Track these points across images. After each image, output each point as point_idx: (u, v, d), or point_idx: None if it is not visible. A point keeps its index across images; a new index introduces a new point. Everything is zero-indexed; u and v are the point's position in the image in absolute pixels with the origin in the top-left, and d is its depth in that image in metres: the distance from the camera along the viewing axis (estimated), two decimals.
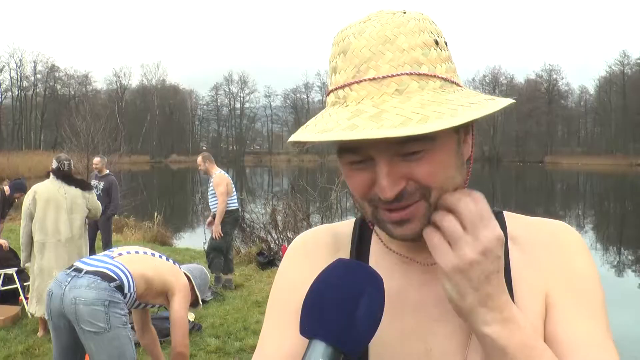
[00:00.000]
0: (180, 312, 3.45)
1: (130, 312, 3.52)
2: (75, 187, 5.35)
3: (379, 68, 0.71)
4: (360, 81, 0.71)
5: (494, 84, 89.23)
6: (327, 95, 0.77)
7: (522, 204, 26.28)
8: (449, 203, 0.72)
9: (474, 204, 0.70)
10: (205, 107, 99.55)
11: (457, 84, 0.75)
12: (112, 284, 3.13)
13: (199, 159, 7.52)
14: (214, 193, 7.31)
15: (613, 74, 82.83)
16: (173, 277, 3.49)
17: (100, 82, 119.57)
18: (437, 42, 0.74)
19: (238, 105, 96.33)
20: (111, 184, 8.30)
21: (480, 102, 0.70)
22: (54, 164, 5.40)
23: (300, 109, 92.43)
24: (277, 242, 10.12)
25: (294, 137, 0.73)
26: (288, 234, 10.01)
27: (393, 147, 0.70)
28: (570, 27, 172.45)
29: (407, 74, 0.70)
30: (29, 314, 5.55)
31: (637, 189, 39.26)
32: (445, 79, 0.73)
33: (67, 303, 3.03)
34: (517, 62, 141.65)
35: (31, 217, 5.18)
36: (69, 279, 3.12)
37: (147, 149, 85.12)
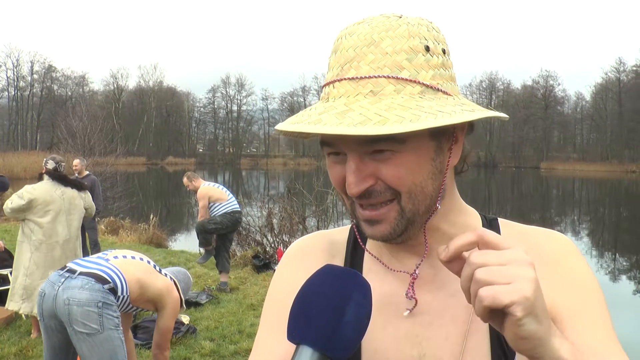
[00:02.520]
0: (168, 323, 3.62)
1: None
2: (72, 187, 5.32)
3: (359, 68, 0.72)
4: (342, 79, 0.73)
5: (490, 90, 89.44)
6: (322, 90, 0.80)
7: (518, 210, 26.35)
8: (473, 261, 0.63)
9: (492, 252, 0.63)
10: (202, 109, 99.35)
11: (444, 92, 0.74)
12: (106, 286, 3.12)
13: (185, 180, 7.55)
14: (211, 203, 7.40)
15: (609, 80, 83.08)
16: (166, 289, 3.55)
17: (97, 83, 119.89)
18: (428, 48, 0.74)
19: (235, 107, 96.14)
20: (94, 183, 8.33)
21: (453, 112, 0.70)
22: (50, 165, 5.33)
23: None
24: (272, 245, 10.11)
25: (278, 126, 0.76)
26: (284, 237, 10.01)
27: (363, 146, 0.72)
28: (567, 34, 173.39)
29: (384, 76, 0.71)
30: (23, 316, 5.51)
31: (632, 195, 39.37)
32: (428, 86, 0.73)
33: (60, 304, 3.02)
34: (514, 68, 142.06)
35: (20, 211, 5.02)
36: (63, 279, 3.10)
37: (143, 150, 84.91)
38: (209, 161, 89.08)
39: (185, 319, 5.88)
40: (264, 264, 8.99)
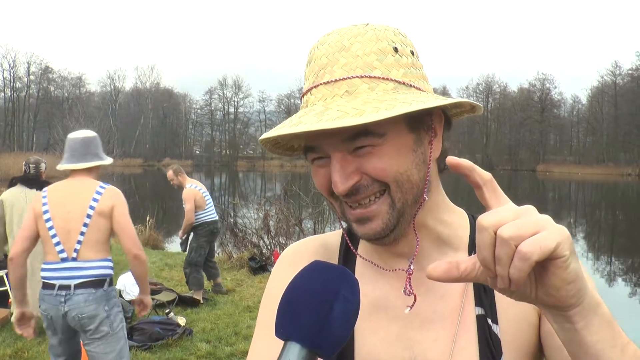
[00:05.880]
0: (122, 218, 3.26)
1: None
2: (37, 189, 5.09)
3: (333, 72, 0.76)
4: (318, 85, 0.77)
5: (487, 92, 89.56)
6: (301, 101, 0.83)
7: None
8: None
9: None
10: (199, 111, 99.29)
11: (417, 88, 0.78)
12: (105, 285, 3.14)
13: (170, 173, 7.15)
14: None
15: (605, 84, 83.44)
16: (108, 209, 3.26)
17: (94, 84, 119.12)
18: (396, 50, 0.78)
19: (232, 109, 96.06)
20: None
21: (426, 100, 0.73)
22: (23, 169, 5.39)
23: (294, 114, 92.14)
24: (269, 247, 10.09)
25: (262, 137, 0.79)
26: (280, 239, 9.99)
27: (345, 144, 0.74)
28: (564, 37, 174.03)
29: (358, 77, 0.75)
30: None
31: (628, 198, 39.51)
32: (400, 82, 0.76)
33: (72, 320, 3.09)
34: (510, 71, 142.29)
35: (2, 222, 5.18)
36: (63, 300, 3.08)
37: (140, 152, 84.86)
38: (205, 163, 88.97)
39: (181, 320, 5.87)
40: (260, 266, 8.97)
